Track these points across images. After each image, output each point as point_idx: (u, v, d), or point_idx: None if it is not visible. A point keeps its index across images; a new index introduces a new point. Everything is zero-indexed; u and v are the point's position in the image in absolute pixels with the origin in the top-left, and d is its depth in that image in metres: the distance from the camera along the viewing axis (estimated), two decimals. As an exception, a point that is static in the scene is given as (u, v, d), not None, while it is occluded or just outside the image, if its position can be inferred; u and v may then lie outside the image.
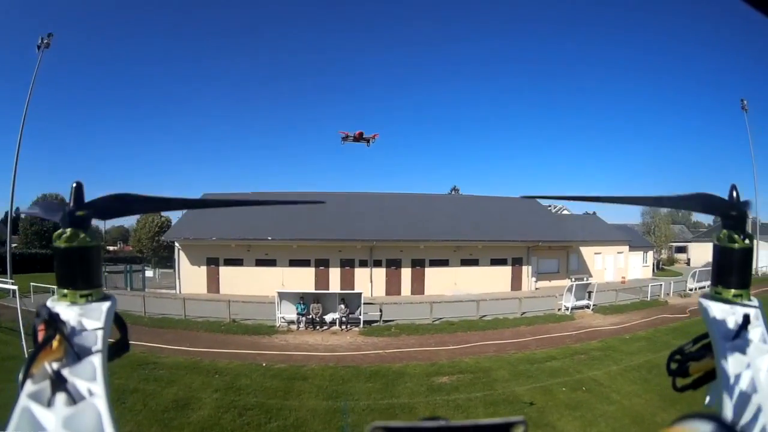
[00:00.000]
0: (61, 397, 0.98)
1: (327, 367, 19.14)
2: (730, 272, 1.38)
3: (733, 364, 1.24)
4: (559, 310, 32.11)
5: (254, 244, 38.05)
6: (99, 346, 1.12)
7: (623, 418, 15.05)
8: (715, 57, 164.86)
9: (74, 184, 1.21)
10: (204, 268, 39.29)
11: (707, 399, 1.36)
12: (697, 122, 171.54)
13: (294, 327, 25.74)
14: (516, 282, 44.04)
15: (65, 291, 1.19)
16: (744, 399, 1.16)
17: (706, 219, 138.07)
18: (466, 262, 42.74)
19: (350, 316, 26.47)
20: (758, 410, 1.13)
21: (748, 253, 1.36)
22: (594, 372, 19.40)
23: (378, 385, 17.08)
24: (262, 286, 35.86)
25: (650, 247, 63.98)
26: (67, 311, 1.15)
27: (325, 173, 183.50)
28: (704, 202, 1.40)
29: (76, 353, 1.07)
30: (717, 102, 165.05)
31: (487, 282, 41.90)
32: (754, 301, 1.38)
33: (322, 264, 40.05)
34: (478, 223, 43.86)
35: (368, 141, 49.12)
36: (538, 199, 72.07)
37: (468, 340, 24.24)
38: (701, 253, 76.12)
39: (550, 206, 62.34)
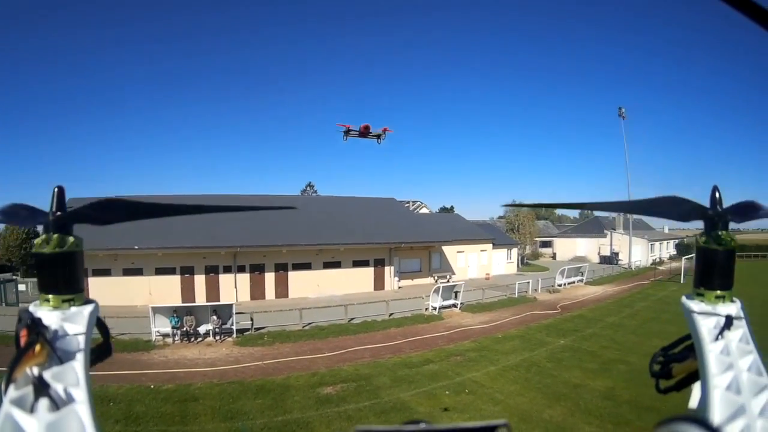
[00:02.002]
0: (43, 403, 1.00)
1: (213, 384, 19.10)
2: (713, 274, 1.42)
3: (716, 365, 1.27)
4: (426, 310, 33.19)
5: (121, 254, 36.64)
6: (82, 350, 1.14)
7: (510, 417, 15.57)
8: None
9: (56, 189, 1.26)
10: (74, 279, 37.42)
11: (691, 400, 1.46)
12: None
13: (169, 340, 25.34)
14: (379, 282, 45.62)
15: (48, 296, 1.22)
16: (727, 400, 1.19)
17: (571, 213, 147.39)
18: (328, 265, 43.81)
19: (223, 326, 26.48)
20: (742, 410, 1.16)
21: (730, 255, 1.41)
22: (473, 374, 20.36)
23: (267, 400, 17.34)
24: (131, 295, 35.08)
25: (514, 243, 67.24)
26: (50, 316, 1.18)
27: (177, 176, 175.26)
28: (678, 206, 1.46)
29: (58, 358, 1.10)
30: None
31: (350, 283, 43.47)
32: (737, 302, 1.42)
33: (187, 271, 39.44)
34: (340, 225, 44.73)
35: (378, 137, 43.66)
36: (526, 207, 75.33)
37: (342, 345, 24.82)
38: (567, 248, 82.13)
39: (408, 204, 64.21)
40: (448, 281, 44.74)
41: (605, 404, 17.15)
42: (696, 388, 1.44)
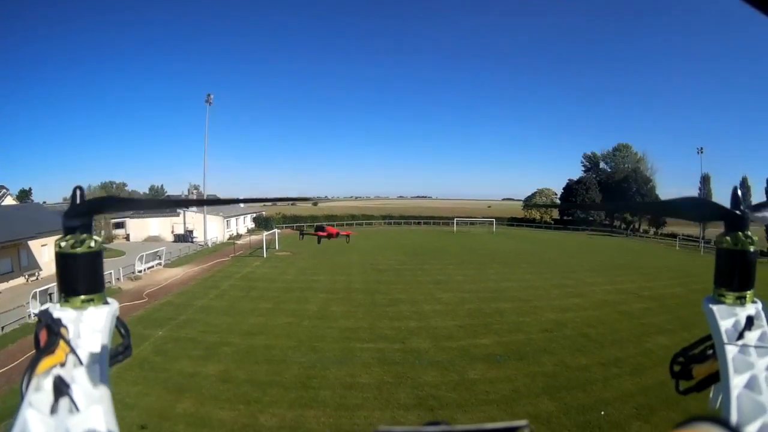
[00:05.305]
0: (63, 404, 0.99)
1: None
2: (733, 274, 1.41)
3: (736, 365, 1.27)
4: (29, 317, 31.53)
5: None
6: (101, 351, 1.15)
7: (149, 419, 15.99)
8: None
9: (77, 189, 1.26)
10: None
11: (711, 401, 1.43)
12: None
13: None
14: (-24, 291, 41.28)
15: (68, 296, 1.21)
16: (748, 400, 1.18)
17: (142, 190, 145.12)
18: None
19: None
20: (763, 411, 1.14)
21: (751, 255, 1.40)
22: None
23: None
24: None
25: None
26: (70, 316, 1.18)
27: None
28: (698, 208, 1.51)
29: (78, 359, 1.09)
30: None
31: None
32: (758, 303, 1.42)
33: None
34: None
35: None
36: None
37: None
38: (140, 228, 78.96)
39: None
40: (37, 279, 42.76)
41: (226, 387, 18.52)
42: (716, 388, 1.42)
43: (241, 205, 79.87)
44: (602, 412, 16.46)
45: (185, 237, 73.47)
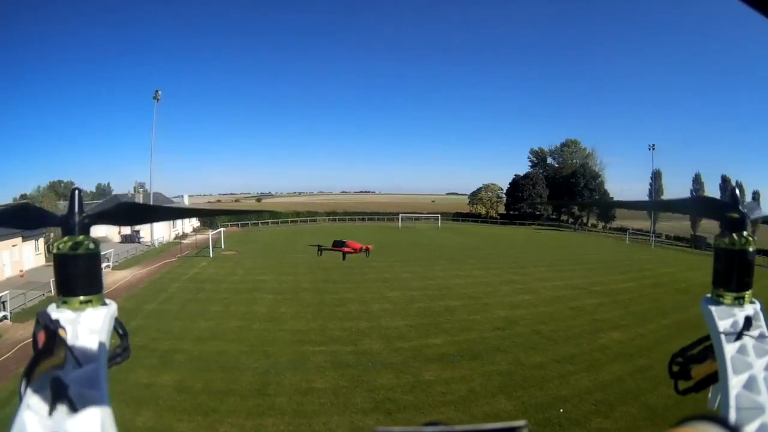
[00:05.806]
0: (62, 405, 0.99)
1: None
2: (731, 274, 1.41)
3: (735, 365, 1.27)
4: None
5: None
6: (99, 352, 1.15)
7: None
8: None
9: (76, 191, 1.27)
10: None
11: (709, 401, 1.45)
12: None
13: None
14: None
15: (66, 298, 1.22)
16: (747, 401, 1.19)
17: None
18: None
19: None
20: (761, 411, 1.15)
21: (748, 255, 1.40)
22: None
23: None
24: None
25: (41, 233, 62.51)
26: (68, 318, 1.19)
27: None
28: (705, 206, 1.55)
29: (76, 360, 1.10)
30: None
31: None
32: (756, 303, 1.42)
33: None
34: None
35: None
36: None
37: None
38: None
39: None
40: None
41: (183, 397, 18.00)
42: (715, 389, 1.44)
43: (186, 200, 75.26)
44: (561, 410, 16.73)
45: (132, 237, 71.47)
